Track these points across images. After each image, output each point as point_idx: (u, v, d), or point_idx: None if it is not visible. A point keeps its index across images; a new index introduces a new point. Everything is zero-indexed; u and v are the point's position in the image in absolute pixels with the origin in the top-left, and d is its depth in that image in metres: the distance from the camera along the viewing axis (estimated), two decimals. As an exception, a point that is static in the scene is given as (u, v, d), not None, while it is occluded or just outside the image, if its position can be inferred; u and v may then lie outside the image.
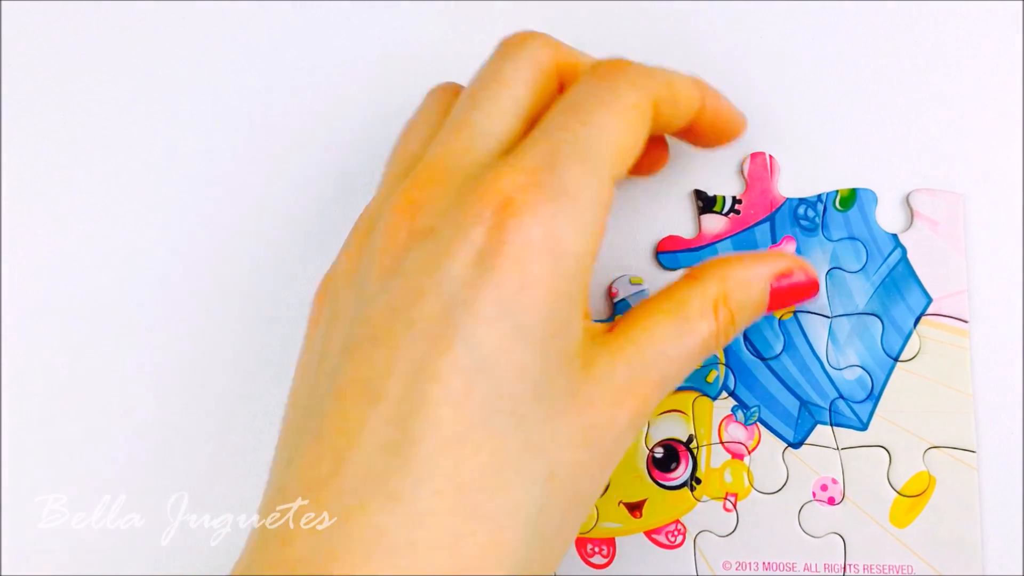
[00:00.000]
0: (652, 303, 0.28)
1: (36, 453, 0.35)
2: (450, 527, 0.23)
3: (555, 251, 0.24)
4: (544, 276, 0.24)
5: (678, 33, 0.37)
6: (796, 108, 0.36)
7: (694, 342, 0.27)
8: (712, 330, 0.27)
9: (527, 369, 0.24)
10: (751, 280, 0.29)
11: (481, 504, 0.23)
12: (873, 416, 0.34)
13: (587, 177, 0.25)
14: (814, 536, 0.33)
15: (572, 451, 0.25)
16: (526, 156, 0.25)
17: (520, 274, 0.24)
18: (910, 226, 0.35)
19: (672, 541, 0.34)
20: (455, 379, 0.23)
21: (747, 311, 0.29)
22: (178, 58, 0.38)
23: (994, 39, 0.36)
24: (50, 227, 0.37)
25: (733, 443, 0.34)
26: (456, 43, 0.37)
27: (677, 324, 0.27)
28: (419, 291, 0.24)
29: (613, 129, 0.26)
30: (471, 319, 0.23)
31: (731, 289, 0.28)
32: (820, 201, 0.35)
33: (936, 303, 0.34)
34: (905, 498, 0.33)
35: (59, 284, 0.36)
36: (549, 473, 0.24)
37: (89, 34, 0.38)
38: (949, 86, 0.36)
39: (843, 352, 0.34)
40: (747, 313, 0.29)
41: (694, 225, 0.35)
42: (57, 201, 0.37)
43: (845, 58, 0.36)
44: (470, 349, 0.23)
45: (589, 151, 0.25)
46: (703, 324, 0.27)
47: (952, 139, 0.36)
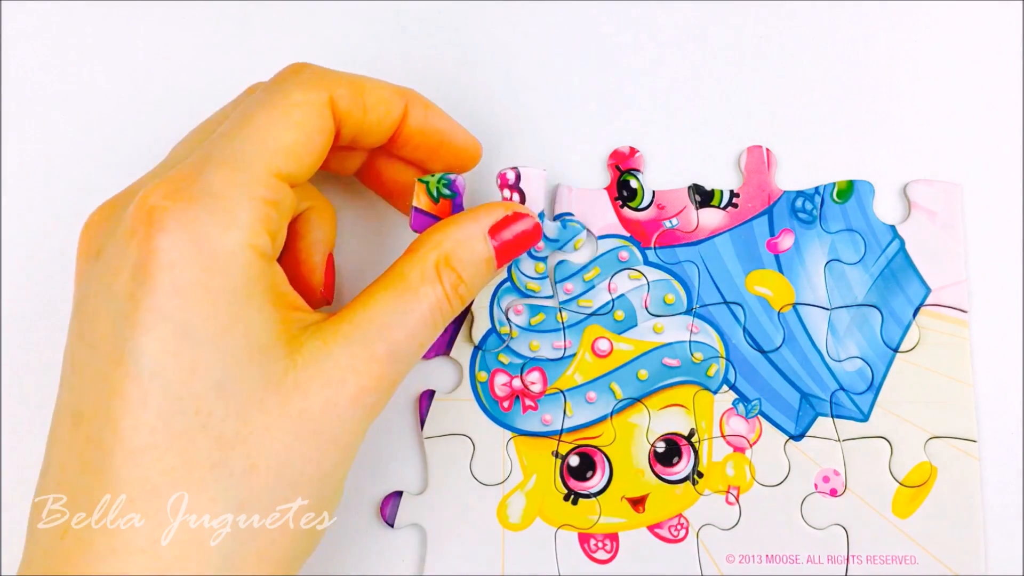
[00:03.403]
0: (373, 284, 0.28)
1: (36, 453, 0.35)
2: (146, 531, 0.24)
3: (204, 251, 0.25)
4: (197, 276, 0.25)
5: (678, 33, 0.37)
6: (793, 101, 0.36)
7: (422, 309, 0.28)
8: (439, 293, 0.28)
9: (201, 368, 0.25)
10: (469, 238, 0.29)
11: (175, 504, 0.24)
12: (874, 407, 0.34)
13: (235, 176, 0.26)
14: (817, 528, 0.33)
15: (276, 440, 0.25)
16: (179, 167, 0.26)
17: (172, 280, 0.25)
18: (908, 217, 0.35)
19: (675, 535, 0.34)
20: (131, 389, 0.24)
21: (473, 268, 0.29)
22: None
23: (990, 31, 0.36)
24: (50, 226, 0.36)
25: (735, 436, 0.34)
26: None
27: (398, 295, 0.28)
28: (95, 313, 0.25)
29: (274, 128, 0.27)
30: (134, 330, 0.24)
31: (450, 250, 0.29)
32: (818, 193, 0.35)
33: (935, 293, 0.34)
34: (907, 488, 0.33)
35: (59, 283, 0.36)
36: (249, 465, 0.25)
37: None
38: (945, 77, 0.36)
39: (843, 344, 0.34)
40: (474, 269, 0.29)
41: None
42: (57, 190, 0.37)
43: (841, 52, 0.36)
44: (137, 358, 0.24)
45: (242, 151, 0.26)
46: (426, 289, 0.28)
47: (949, 129, 0.36)
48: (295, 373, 0.26)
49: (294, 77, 0.28)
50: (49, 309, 0.36)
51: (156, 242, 0.25)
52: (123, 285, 0.25)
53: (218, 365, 0.25)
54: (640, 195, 0.35)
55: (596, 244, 0.35)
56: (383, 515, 0.34)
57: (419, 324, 0.28)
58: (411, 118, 0.31)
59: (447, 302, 0.28)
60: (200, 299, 0.25)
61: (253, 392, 0.25)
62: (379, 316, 0.27)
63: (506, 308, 0.35)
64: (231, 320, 0.25)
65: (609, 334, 0.35)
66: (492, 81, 0.37)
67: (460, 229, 0.30)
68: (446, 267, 0.29)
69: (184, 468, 0.24)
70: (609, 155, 0.36)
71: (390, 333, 0.27)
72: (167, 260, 0.25)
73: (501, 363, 0.35)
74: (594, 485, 0.34)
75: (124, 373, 0.24)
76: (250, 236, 0.26)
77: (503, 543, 0.34)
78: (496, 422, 0.34)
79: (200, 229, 0.25)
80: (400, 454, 0.34)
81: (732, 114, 0.36)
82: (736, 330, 0.34)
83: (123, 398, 0.24)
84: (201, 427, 0.25)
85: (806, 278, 0.35)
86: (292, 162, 0.27)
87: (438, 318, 0.28)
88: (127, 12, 0.38)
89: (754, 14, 0.37)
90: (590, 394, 0.34)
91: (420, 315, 0.28)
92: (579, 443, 0.34)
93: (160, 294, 0.25)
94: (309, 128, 0.28)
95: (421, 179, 0.31)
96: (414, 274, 0.28)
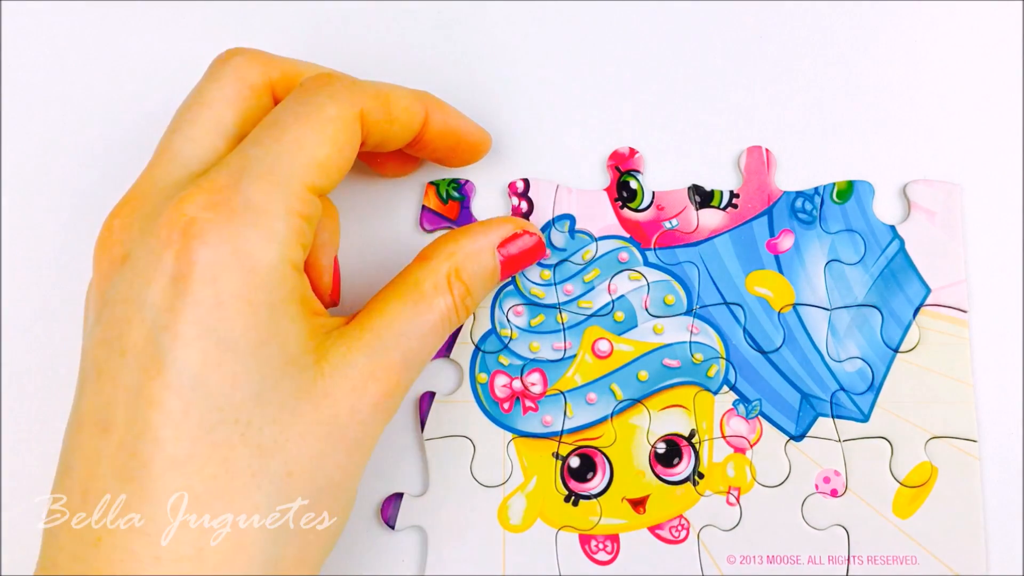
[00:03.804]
0: (387, 290, 0.29)
1: (36, 453, 0.35)
2: (190, 539, 0.24)
3: (245, 265, 0.25)
4: (239, 290, 0.25)
5: (678, 33, 0.37)
6: (793, 101, 0.36)
7: (434, 319, 0.29)
8: (449, 304, 0.29)
9: (242, 379, 0.25)
10: (479, 251, 0.31)
11: (218, 512, 0.25)
12: (874, 408, 0.34)
13: (275, 190, 0.26)
14: (818, 528, 0.33)
15: (311, 445, 0.26)
16: (214, 176, 0.26)
17: (214, 292, 0.25)
18: (908, 217, 0.35)
19: (676, 536, 0.34)
20: (171, 400, 0.24)
21: (480, 281, 0.31)
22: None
23: (990, 31, 0.36)
24: (50, 226, 0.36)
25: (735, 437, 0.34)
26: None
27: (413, 305, 0.29)
28: (125, 319, 0.25)
29: (308, 142, 0.27)
30: (175, 341, 0.25)
31: (461, 263, 0.30)
32: (817, 194, 0.35)
33: (935, 293, 0.34)
34: (908, 489, 0.33)
35: (59, 283, 0.36)
36: (287, 472, 0.26)
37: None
38: (944, 77, 0.36)
39: (843, 344, 0.34)
40: (481, 282, 0.31)
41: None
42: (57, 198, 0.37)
43: (841, 52, 0.36)
44: (179, 370, 0.25)
45: (279, 165, 0.27)
46: (439, 300, 0.29)
47: (948, 130, 0.36)
48: (323, 381, 0.26)
49: (324, 89, 0.28)
50: (49, 309, 0.36)
51: (196, 254, 0.25)
52: (159, 295, 0.25)
53: (257, 376, 0.25)
54: (640, 196, 0.35)
55: (596, 245, 0.35)
56: (384, 517, 0.34)
57: (430, 333, 0.29)
58: (431, 123, 0.31)
59: (455, 313, 0.30)
60: (241, 312, 0.25)
61: (287, 401, 0.26)
62: (395, 325, 0.28)
63: (507, 310, 0.35)
64: (269, 332, 0.26)
65: (609, 335, 0.35)
66: (492, 82, 0.37)
67: (471, 241, 0.31)
68: (456, 279, 0.30)
69: (227, 476, 0.25)
70: (609, 156, 0.36)
71: (405, 341, 0.28)
72: (209, 273, 0.25)
73: (501, 364, 0.35)
74: (595, 486, 0.34)
75: (163, 384, 0.24)
76: (288, 251, 0.26)
77: (504, 544, 0.34)
78: (496, 423, 0.34)
79: (242, 244, 0.25)
80: (401, 456, 0.34)
81: (732, 114, 0.36)
82: (736, 331, 0.34)
83: (162, 409, 0.24)
84: (241, 436, 0.25)
85: (806, 278, 0.35)
86: (324, 176, 0.28)
87: (446, 327, 0.29)
88: (127, 12, 0.38)
89: (754, 14, 0.37)
90: (590, 395, 0.34)
91: (432, 325, 0.29)
92: (580, 444, 0.34)
93: (202, 306, 0.25)
94: (341, 143, 0.28)
95: (432, 181, 0.31)
96: (427, 284, 0.29)
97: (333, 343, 0.27)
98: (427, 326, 0.29)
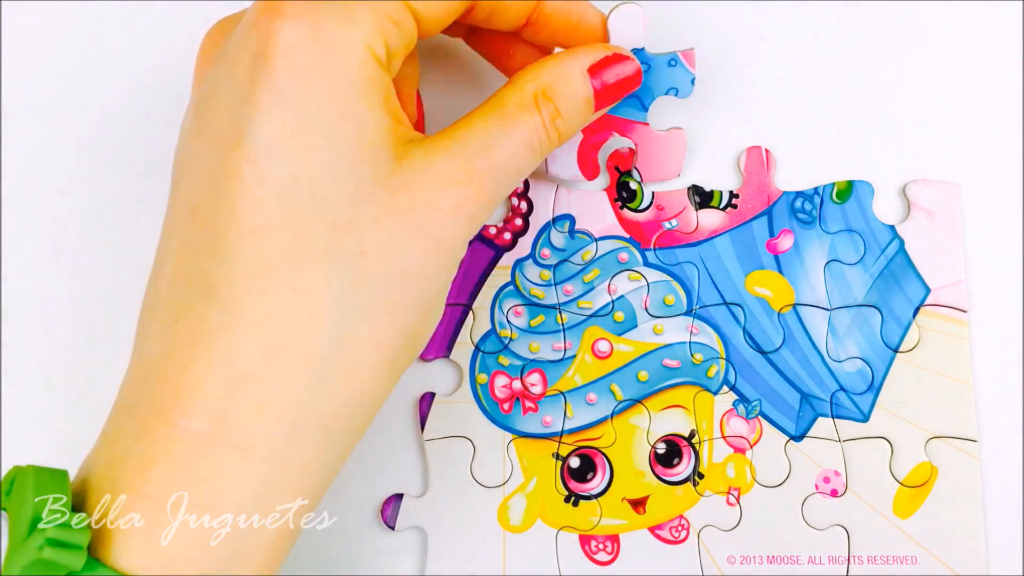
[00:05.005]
0: (472, 111, 0.29)
1: (36, 452, 0.35)
2: (262, 306, 0.25)
3: (324, 41, 0.25)
4: (316, 64, 0.25)
5: (677, 33, 0.37)
6: (792, 102, 0.36)
7: (520, 134, 0.28)
8: (537, 122, 0.28)
9: (318, 152, 0.25)
10: (568, 72, 0.30)
11: (290, 280, 0.25)
12: (874, 408, 0.34)
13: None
14: (818, 528, 0.33)
15: (387, 231, 0.26)
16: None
17: (290, 63, 0.25)
18: (907, 217, 0.35)
19: (676, 536, 0.34)
20: (247, 170, 0.25)
21: (571, 103, 0.29)
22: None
23: (990, 31, 0.36)
24: (50, 226, 0.36)
25: (735, 437, 0.34)
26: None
27: (497, 118, 0.28)
28: (213, 101, 0.26)
29: None
30: (252, 111, 0.25)
31: (549, 82, 0.29)
32: (817, 194, 0.35)
33: (935, 293, 0.34)
34: (908, 488, 0.33)
35: (59, 283, 0.36)
36: (360, 251, 0.26)
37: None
38: (945, 77, 0.36)
39: (843, 344, 0.34)
40: (572, 105, 0.29)
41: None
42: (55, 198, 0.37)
43: (841, 52, 0.36)
44: (255, 139, 0.25)
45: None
46: (525, 115, 0.28)
47: (948, 129, 0.36)
48: (401, 175, 0.26)
49: None
50: (49, 309, 0.36)
51: (277, 27, 0.25)
52: (243, 71, 0.25)
53: (332, 152, 0.25)
54: (639, 196, 0.35)
55: (596, 246, 0.35)
56: (384, 517, 0.34)
57: (518, 147, 0.28)
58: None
59: (544, 132, 0.29)
60: (317, 84, 0.25)
61: (363, 184, 0.26)
62: (479, 135, 0.28)
63: (506, 311, 0.35)
64: (345, 111, 0.26)
65: (609, 335, 0.35)
66: (492, 82, 0.37)
67: (560, 64, 0.30)
68: (544, 98, 0.29)
69: (299, 247, 0.25)
70: (608, 156, 0.36)
71: (490, 151, 0.27)
72: (286, 44, 0.25)
73: (501, 365, 0.35)
74: (595, 487, 0.34)
75: (242, 155, 0.25)
76: (370, 37, 0.26)
77: (504, 545, 0.34)
78: (496, 424, 0.34)
79: (321, 19, 0.25)
80: (401, 456, 0.34)
81: (732, 114, 0.36)
82: (736, 331, 0.34)
83: (240, 178, 0.25)
84: (315, 210, 0.25)
85: (806, 278, 0.35)
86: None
87: (536, 146, 0.29)
88: (128, 12, 0.38)
89: (754, 14, 0.37)
90: (590, 395, 0.34)
91: (520, 139, 0.28)
92: (580, 445, 0.34)
93: (279, 75, 0.25)
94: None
95: None
96: (512, 101, 0.28)
97: (414, 148, 0.27)
98: (514, 139, 0.28)
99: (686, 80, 0.34)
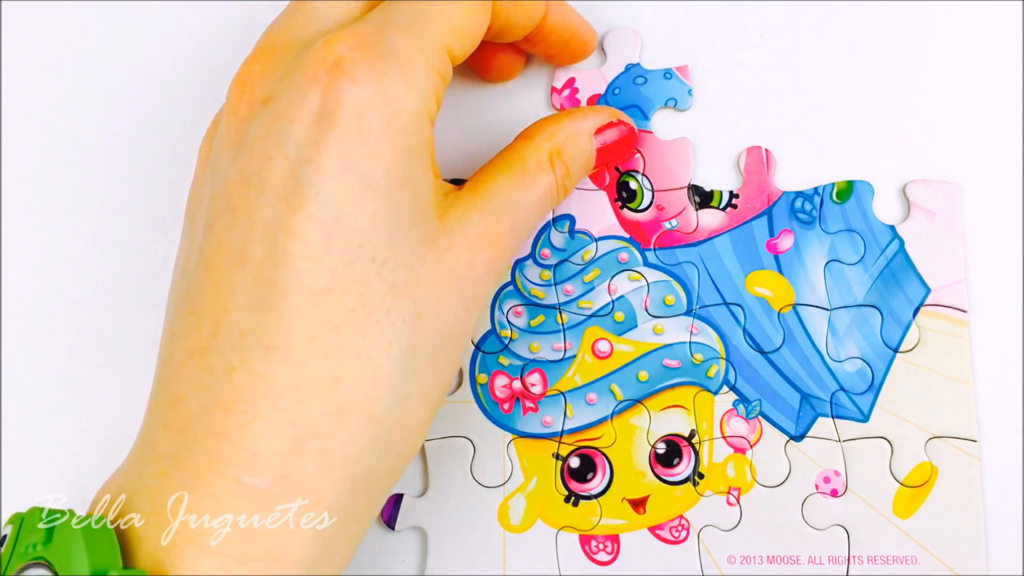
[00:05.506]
0: (493, 164, 0.30)
1: (36, 453, 0.35)
2: (328, 368, 0.25)
3: (389, 106, 0.26)
4: (382, 129, 0.26)
5: (677, 33, 0.37)
6: (792, 102, 0.36)
7: (538, 192, 0.30)
8: (551, 181, 0.30)
9: (380, 217, 0.26)
10: (578, 134, 0.31)
11: (354, 344, 0.25)
12: (874, 408, 0.34)
13: (418, 43, 0.27)
14: (818, 528, 0.33)
15: (436, 292, 0.27)
16: (358, 26, 0.27)
17: (359, 128, 0.25)
18: (907, 217, 0.35)
19: (676, 536, 0.34)
20: (312, 233, 0.25)
21: (578, 164, 0.31)
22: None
23: (990, 31, 0.36)
24: (51, 226, 0.36)
25: (735, 437, 0.34)
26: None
27: (520, 177, 0.29)
28: (266, 156, 0.26)
29: (446, 8, 0.28)
30: (319, 175, 0.25)
31: (562, 143, 0.31)
32: (817, 194, 0.35)
33: (935, 293, 0.34)
34: (908, 489, 0.33)
35: (59, 283, 0.36)
36: (416, 313, 0.26)
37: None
38: (944, 77, 0.36)
39: (843, 344, 0.34)
40: (579, 164, 0.31)
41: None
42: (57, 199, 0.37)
43: (841, 52, 0.36)
44: (321, 203, 0.25)
45: (421, 22, 0.27)
46: (543, 176, 0.30)
47: (947, 129, 0.36)
48: (446, 236, 0.27)
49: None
50: (49, 309, 0.36)
51: (344, 90, 0.25)
52: (304, 131, 0.25)
53: (393, 218, 0.26)
54: (639, 196, 0.35)
55: (596, 246, 0.35)
56: (384, 517, 0.34)
57: (534, 206, 0.30)
58: (551, 13, 0.32)
59: (555, 191, 0.30)
60: (384, 152, 0.26)
61: (416, 247, 0.26)
62: (504, 193, 0.29)
63: (506, 311, 0.35)
64: (406, 177, 0.26)
65: (609, 335, 0.35)
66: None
67: (572, 124, 0.31)
68: (557, 159, 0.30)
69: (363, 311, 0.25)
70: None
71: (514, 211, 0.29)
72: (355, 109, 0.25)
73: (501, 365, 0.35)
74: (595, 487, 0.34)
75: (307, 217, 0.25)
76: (427, 100, 0.27)
77: (504, 545, 0.34)
78: (496, 424, 0.34)
79: (388, 85, 0.26)
80: (400, 456, 0.34)
81: (731, 114, 0.36)
82: (736, 331, 0.34)
83: (304, 241, 0.25)
84: (377, 274, 0.26)
85: (806, 278, 0.35)
86: (458, 43, 0.28)
87: (547, 204, 0.30)
88: (128, 12, 0.38)
89: (753, 14, 0.37)
90: (590, 395, 0.34)
91: (536, 198, 0.30)
92: (580, 445, 0.34)
93: (347, 141, 0.25)
94: (475, 15, 0.28)
95: None
96: (532, 160, 0.30)
97: (451, 204, 0.28)
98: (532, 199, 0.29)
99: (683, 92, 0.35)
